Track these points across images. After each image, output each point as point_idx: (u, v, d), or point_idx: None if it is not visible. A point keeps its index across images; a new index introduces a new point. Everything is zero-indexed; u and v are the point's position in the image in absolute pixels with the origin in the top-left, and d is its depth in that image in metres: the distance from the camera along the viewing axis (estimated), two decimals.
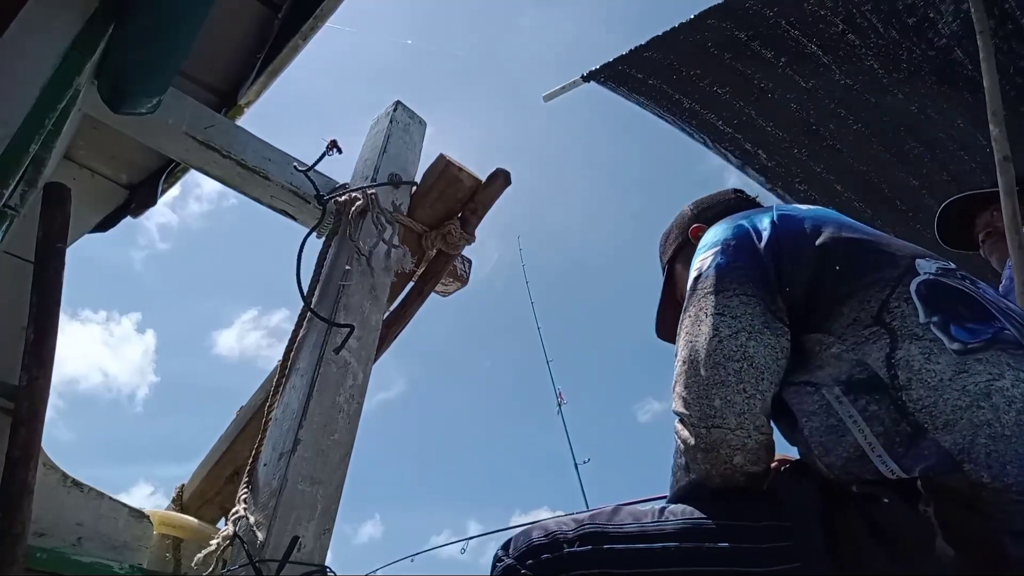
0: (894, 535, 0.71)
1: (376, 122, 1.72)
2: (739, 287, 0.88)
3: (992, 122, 1.88)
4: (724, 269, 0.91)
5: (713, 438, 0.82)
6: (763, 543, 0.77)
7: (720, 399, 0.82)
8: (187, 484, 1.73)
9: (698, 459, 0.85)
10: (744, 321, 0.85)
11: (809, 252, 0.90)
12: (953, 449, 0.70)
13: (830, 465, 0.79)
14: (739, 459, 0.82)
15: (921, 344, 0.77)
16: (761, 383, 0.83)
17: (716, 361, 0.84)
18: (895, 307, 0.82)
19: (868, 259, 0.88)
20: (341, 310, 1.29)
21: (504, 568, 0.88)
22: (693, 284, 0.94)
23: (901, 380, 0.76)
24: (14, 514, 1.10)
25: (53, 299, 1.32)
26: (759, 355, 0.84)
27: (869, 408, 0.77)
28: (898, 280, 0.85)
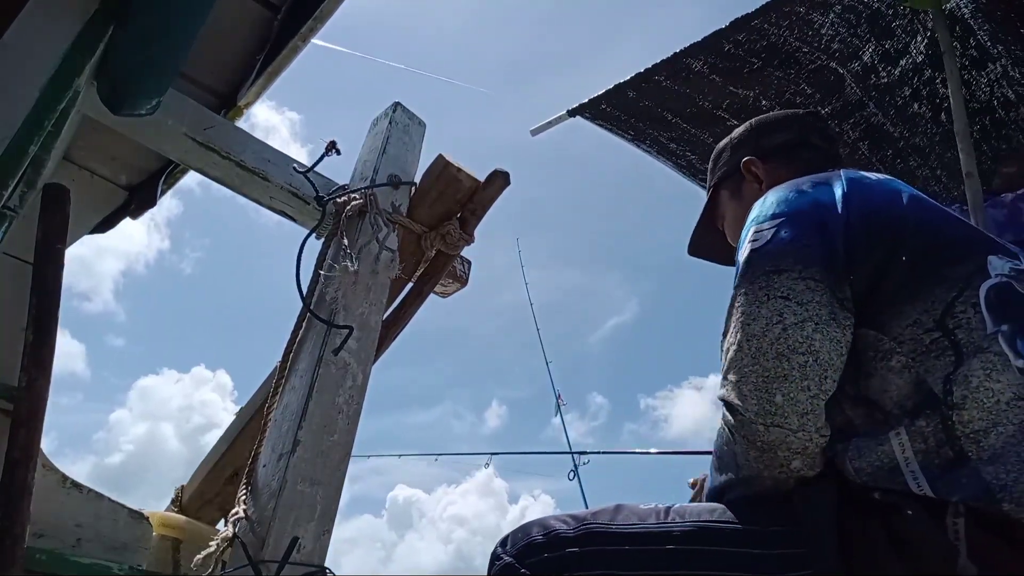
0: (915, 548, 0.68)
1: (375, 123, 1.72)
2: (804, 269, 0.79)
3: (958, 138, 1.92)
4: (787, 246, 0.82)
5: (772, 438, 0.74)
6: (775, 548, 0.74)
7: (782, 395, 0.74)
8: (186, 485, 1.72)
9: (751, 457, 0.77)
10: (811, 309, 0.77)
11: (881, 237, 0.80)
12: (994, 484, 0.66)
13: (859, 469, 0.75)
14: (797, 463, 0.75)
15: (984, 358, 0.71)
16: (825, 382, 0.75)
17: (779, 352, 0.75)
18: (960, 313, 0.75)
19: (938, 252, 0.80)
20: (340, 311, 1.29)
21: (503, 566, 0.85)
22: (750, 258, 0.84)
23: (955, 397, 0.70)
24: (13, 515, 1.10)
25: (52, 300, 1.32)
26: (824, 349, 0.76)
27: (916, 423, 0.72)
28: (967, 281, 0.77)
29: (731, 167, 1.16)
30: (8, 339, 1.32)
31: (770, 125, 1.17)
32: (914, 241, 0.80)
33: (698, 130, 2.72)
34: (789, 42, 2.35)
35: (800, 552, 0.73)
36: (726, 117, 2.63)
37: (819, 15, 2.28)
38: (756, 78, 2.48)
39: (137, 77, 1.35)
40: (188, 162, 1.60)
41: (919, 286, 0.77)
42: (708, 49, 2.42)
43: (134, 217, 2.06)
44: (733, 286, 0.86)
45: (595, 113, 2.76)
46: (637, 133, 2.81)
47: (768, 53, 2.40)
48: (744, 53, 2.40)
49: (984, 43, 2.11)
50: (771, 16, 2.30)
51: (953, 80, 1.99)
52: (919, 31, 2.22)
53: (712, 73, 2.49)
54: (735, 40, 2.37)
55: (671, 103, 2.63)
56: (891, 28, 2.25)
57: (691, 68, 2.48)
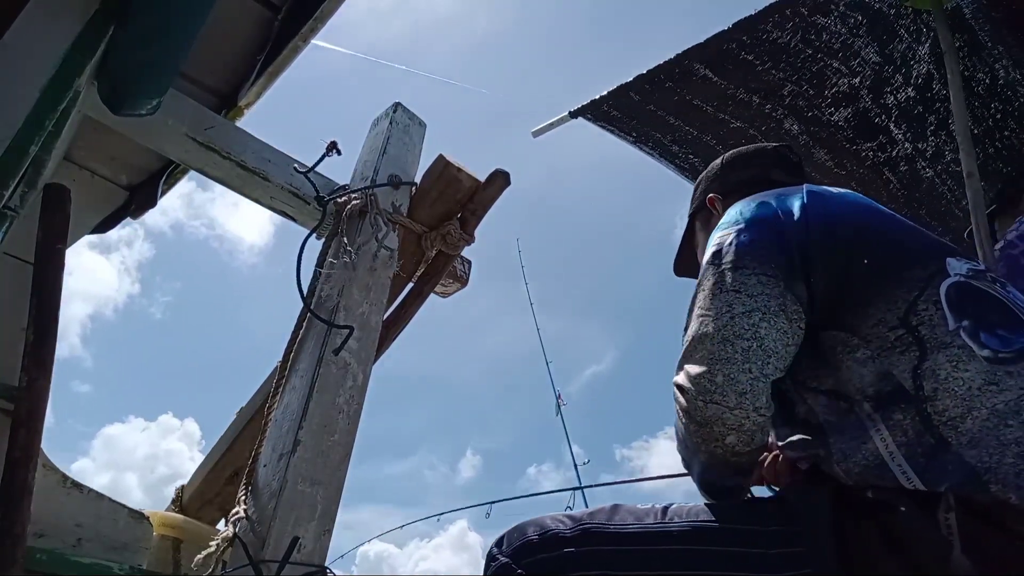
0: (909, 544, 0.70)
1: (376, 123, 1.72)
2: (759, 266, 0.84)
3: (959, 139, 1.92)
4: (745, 247, 0.87)
5: (709, 413, 0.80)
6: (772, 548, 0.75)
7: (723, 376, 0.79)
8: (187, 485, 1.73)
9: (691, 431, 0.83)
10: (760, 301, 0.82)
11: (838, 242, 0.85)
12: (979, 466, 0.68)
13: (847, 471, 0.78)
14: (732, 439, 0.80)
15: (949, 352, 0.75)
16: (767, 366, 0.80)
17: (724, 337, 0.81)
18: (923, 310, 0.79)
19: (898, 256, 0.85)
20: (340, 311, 1.29)
21: (499, 567, 0.85)
22: (711, 259, 0.90)
23: (927, 390, 0.74)
24: (14, 515, 1.10)
25: (53, 300, 1.32)
26: (770, 337, 0.80)
27: (893, 417, 0.75)
28: (927, 281, 0.81)
29: (700, 201, 1.22)
30: (8, 339, 1.32)
31: (736, 162, 1.23)
32: (874, 247, 0.85)
33: (700, 132, 2.72)
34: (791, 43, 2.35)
35: (798, 551, 0.74)
36: (728, 119, 2.62)
37: (821, 16, 2.28)
38: (758, 80, 2.48)
39: (137, 77, 1.35)
40: (188, 162, 1.60)
41: (881, 288, 0.82)
42: (710, 51, 2.41)
43: (134, 217, 2.06)
44: (696, 283, 0.91)
45: (597, 114, 2.76)
46: (639, 135, 2.81)
47: (770, 54, 2.39)
48: (746, 55, 2.40)
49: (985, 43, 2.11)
50: (773, 18, 2.30)
51: (954, 80, 1.99)
52: (921, 31, 2.22)
53: (714, 75, 2.48)
54: (738, 41, 2.37)
55: (673, 105, 2.63)
56: (893, 28, 2.25)
57: (693, 70, 2.47)
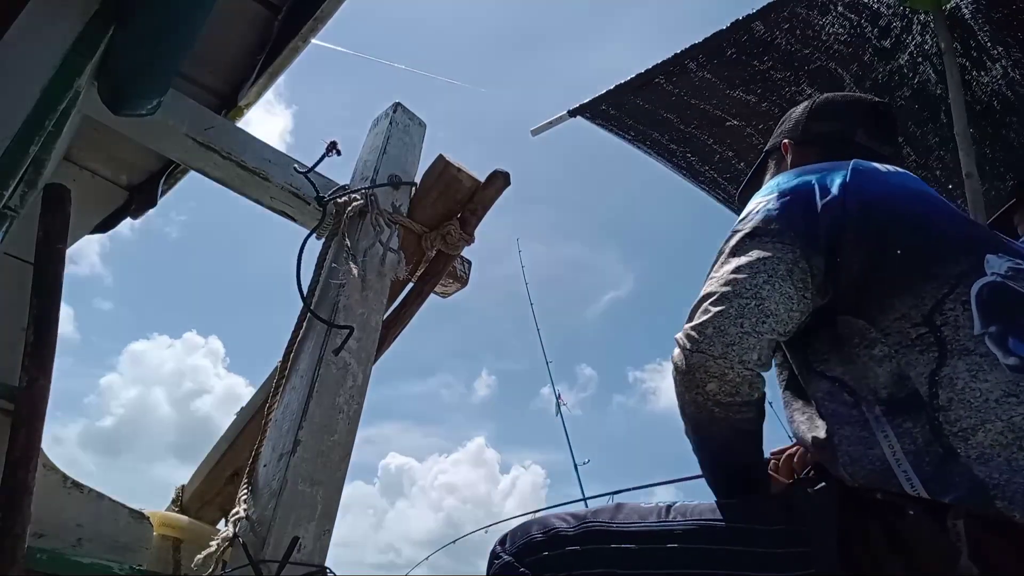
0: (916, 547, 0.69)
1: (376, 123, 1.72)
2: (777, 236, 0.84)
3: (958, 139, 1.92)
4: (770, 216, 0.86)
5: (693, 361, 0.80)
6: (777, 548, 0.75)
7: (713, 327, 0.80)
8: (187, 485, 1.73)
9: (676, 381, 0.84)
10: (769, 264, 0.81)
11: (873, 227, 0.82)
12: (987, 482, 0.66)
13: (853, 475, 0.76)
14: (712, 386, 0.80)
15: (970, 360, 0.72)
16: (762, 325, 0.79)
17: (724, 294, 0.81)
18: (949, 310, 0.76)
19: (933, 248, 0.81)
20: (340, 311, 1.29)
21: (502, 565, 0.85)
22: (736, 225, 0.90)
23: (941, 400, 0.71)
24: (14, 515, 1.10)
25: (53, 300, 1.32)
26: (771, 299, 0.80)
27: (903, 425, 0.73)
28: (959, 279, 0.78)
29: (776, 142, 1.19)
30: (8, 339, 1.32)
31: (823, 111, 1.16)
32: (909, 236, 0.82)
33: (697, 130, 2.73)
34: (789, 43, 2.36)
35: (803, 551, 0.74)
36: (726, 117, 2.63)
37: (819, 16, 2.28)
38: (756, 79, 2.48)
39: (137, 77, 1.35)
40: (188, 162, 1.60)
41: (910, 281, 0.79)
42: (708, 50, 2.42)
43: (135, 217, 2.06)
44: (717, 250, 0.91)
45: (595, 113, 2.77)
46: (637, 133, 2.82)
47: (768, 54, 2.40)
48: (744, 55, 2.40)
49: (984, 44, 2.12)
50: (771, 17, 2.30)
51: (953, 80, 1.99)
52: (919, 32, 2.22)
53: (711, 74, 2.49)
54: (735, 41, 2.37)
55: (671, 104, 2.63)
56: (891, 29, 2.25)
57: (691, 70, 2.48)
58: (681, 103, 2.60)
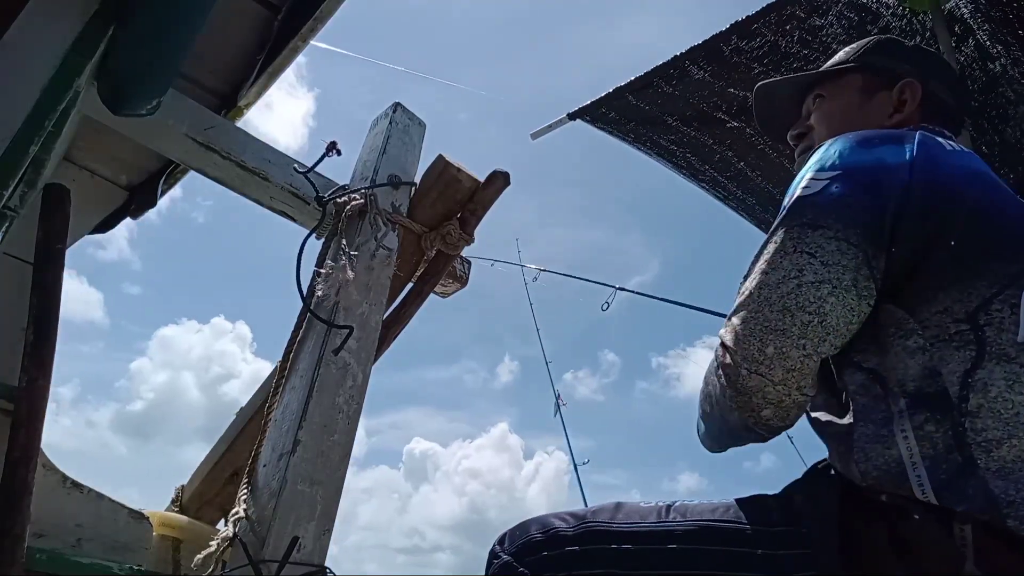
0: (920, 551, 0.68)
1: (375, 123, 1.72)
2: (843, 229, 0.76)
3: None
4: (834, 202, 0.78)
5: (751, 383, 0.75)
6: (778, 549, 0.74)
7: (774, 348, 0.74)
8: (187, 485, 1.73)
9: (727, 396, 0.78)
10: (834, 272, 0.74)
11: (933, 213, 0.76)
12: (1002, 498, 0.64)
13: (864, 472, 0.74)
14: (768, 412, 0.76)
15: (1009, 368, 0.68)
16: (823, 344, 0.74)
17: (786, 306, 0.74)
18: (996, 311, 0.71)
19: (990, 244, 0.76)
20: (340, 311, 1.29)
21: (501, 565, 0.84)
22: (793, 204, 0.81)
23: (971, 405, 0.68)
24: (13, 515, 1.10)
25: (53, 300, 1.32)
26: (834, 314, 0.74)
27: (925, 427, 0.70)
28: (1012, 279, 0.73)
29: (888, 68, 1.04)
30: (8, 339, 1.32)
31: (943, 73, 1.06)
32: (967, 226, 0.76)
33: (698, 132, 2.73)
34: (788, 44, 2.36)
35: (805, 553, 0.73)
36: (725, 119, 2.63)
37: (818, 17, 2.28)
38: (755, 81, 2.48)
39: (137, 77, 1.35)
40: (188, 162, 1.60)
41: (959, 275, 0.74)
42: (707, 52, 2.42)
43: (134, 217, 2.06)
44: (771, 228, 0.83)
45: (595, 116, 2.77)
46: (637, 136, 2.82)
47: (767, 56, 2.40)
48: (743, 56, 2.40)
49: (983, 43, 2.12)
50: (770, 18, 2.30)
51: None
52: (918, 32, 2.22)
53: (711, 76, 2.49)
54: (734, 43, 2.37)
55: (670, 106, 2.63)
56: (890, 29, 2.25)
57: (690, 72, 2.48)
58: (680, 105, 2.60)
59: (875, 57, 1.08)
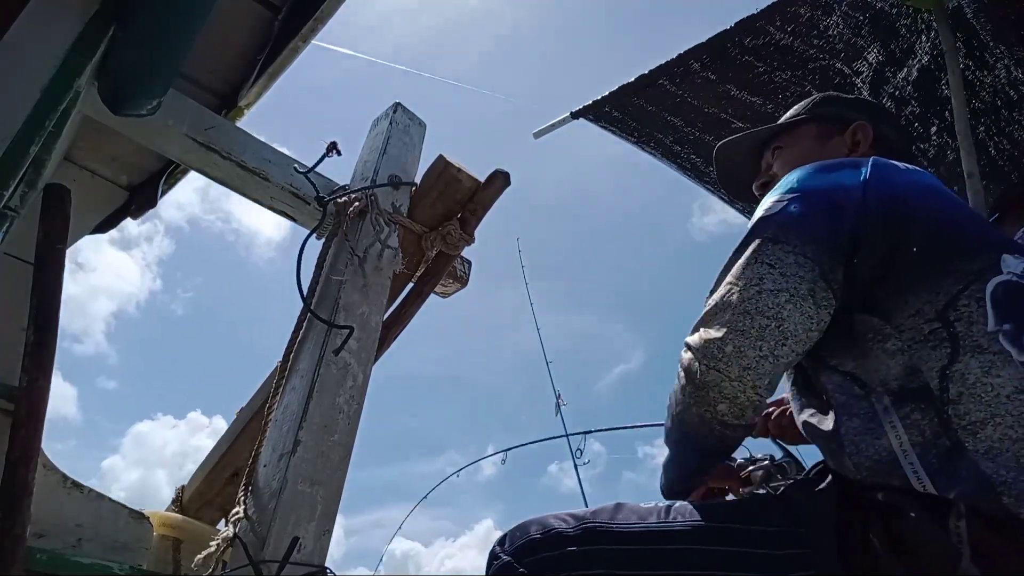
0: (917, 550, 0.69)
1: (376, 123, 1.72)
2: (800, 245, 0.81)
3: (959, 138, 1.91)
4: (793, 219, 0.84)
5: (708, 378, 0.79)
6: (777, 549, 0.75)
7: (733, 346, 0.78)
8: (187, 485, 1.73)
9: (686, 392, 0.83)
10: (791, 282, 0.79)
11: (891, 225, 0.81)
12: (994, 478, 0.67)
13: (858, 464, 0.76)
14: (723, 407, 0.80)
15: (983, 358, 0.72)
16: (780, 348, 0.78)
17: (746, 310, 0.79)
18: (963, 306, 0.75)
19: (949, 246, 0.81)
20: (340, 311, 1.29)
21: (501, 566, 0.85)
22: (756, 223, 0.87)
23: (951, 394, 0.72)
24: (14, 515, 1.10)
25: (53, 300, 1.32)
26: (792, 320, 0.78)
27: (912, 416, 0.73)
28: (976, 276, 0.77)
29: (839, 115, 1.13)
30: (8, 339, 1.32)
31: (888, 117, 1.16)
32: (926, 234, 0.81)
33: (701, 132, 2.72)
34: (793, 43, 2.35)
35: (803, 552, 0.74)
36: (730, 119, 2.62)
37: (822, 16, 2.28)
38: (760, 80, 2.47)
39: (138, 77, 1.35)
40: (189, 162, 1.60)
41: (925, 277, 0.78)
42: (711, 51, 2.41)
43: (135, 217, 2.06)
44: (736, 245, 0.88)
45: (598, 115, 2.76)
46: (640, 135, 2.81)
47: (772, 55, 2.39)
48: (748, 55, 2.39)
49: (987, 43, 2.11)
50: (774, 18, 2.30)
51: (955, 80, 1.98)
52: (922, 31, 2.21)
53: (715, 75, 2.48)
54: (739, 42, 2.37)
55: (674, 105, 2.63)
56: (895, 28, 2.24)
57: (694, 71, 2.47)
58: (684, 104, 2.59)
59: (825, 108, 1.17)
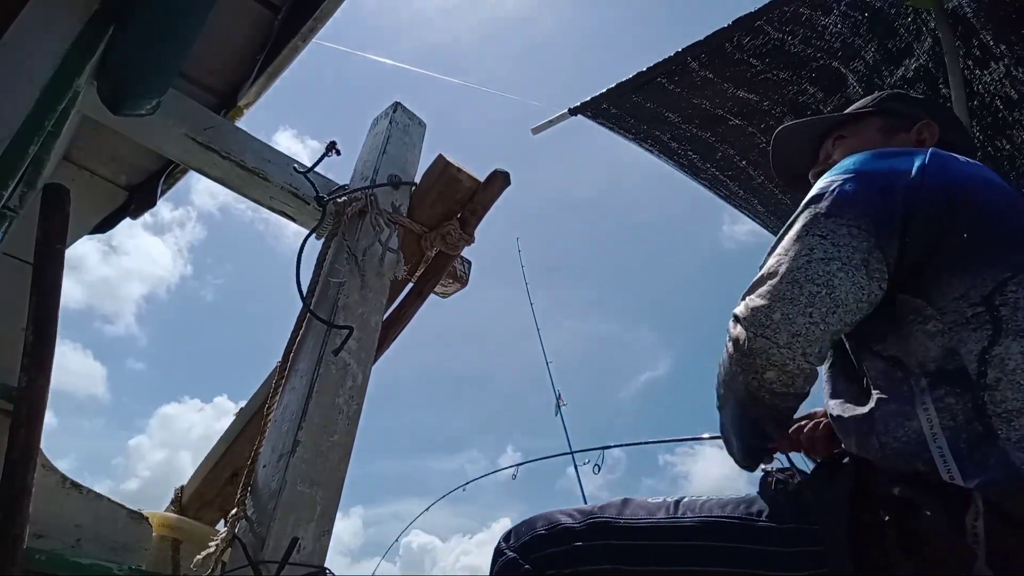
0: (931, 549, 0.68)
1: (375, 123, 1.72)
2: (854, 219, 0.80)
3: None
4: (847, 196, 0.83)
5: (756, 345, 0.77)
6: (789, 546, 0.74)
7: (781, 313, 0.76)
8: (186, 486, 1.72)
9: (734, 359, 0.80)
10: (844, 252, 0.78)
11: (944, 208, 0.80)
12: (1023, 468, 0.66)
13: (884, 445, 0.75)
14: (771, 375, 0.77)
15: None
16: (831, 315, 0.76)
17: (795, 279, 0.78)
18: (1011, 292, 0.74)
19: (1001, 236, 0.80)
20: (340, 311, 1.29)
21: (506, 562, 0.84)
22: (809, 201, 0.86)
23: (989, 379, 0.71)
24: (13, 515, 1.10)
25: (52, 300, 1.32)
26: (843, 288, 0.77)
27: (946, 400, 0.72)
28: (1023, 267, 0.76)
29: (907, 112, 1.13)
30: (8, 339, 1.32)
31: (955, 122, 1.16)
32: (978, 222, 0.80)
33: (699, 129, 2.72)
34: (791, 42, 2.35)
35: (815, 550, 0.73)
36: (727, 116, 2.63)
37: (821, 15, 2.28)
38: (758, 78, 2.48)
39: (137, 77, 1.34)
40: (188, 162, 1.60)
41: (974, 263, 0.77)
42: (710, 49, 2.41)
43: (134, 217, 2.06)
44: (788, 220, 0.87)
45: (596, 112, 2.76)
46: (638, 132, 2.82)
47: (770, 53, 2.39)
48: (746, 53, 2.40)
49: (986, 42, 2.11)
50: (773, 16, 2.30)
51: (955, 80, 1.98)
52: (922, 31, 2.21)
53: (713, 73, 2.48)
54: (737, 40, 2.37)
55: (672, 102, 2.63)
56: (894, 28, 2.24)
57: (692, 68, 2.48)
58: (682, 102, 2.60)
59: (893, 103, 1.15)
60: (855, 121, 1.17)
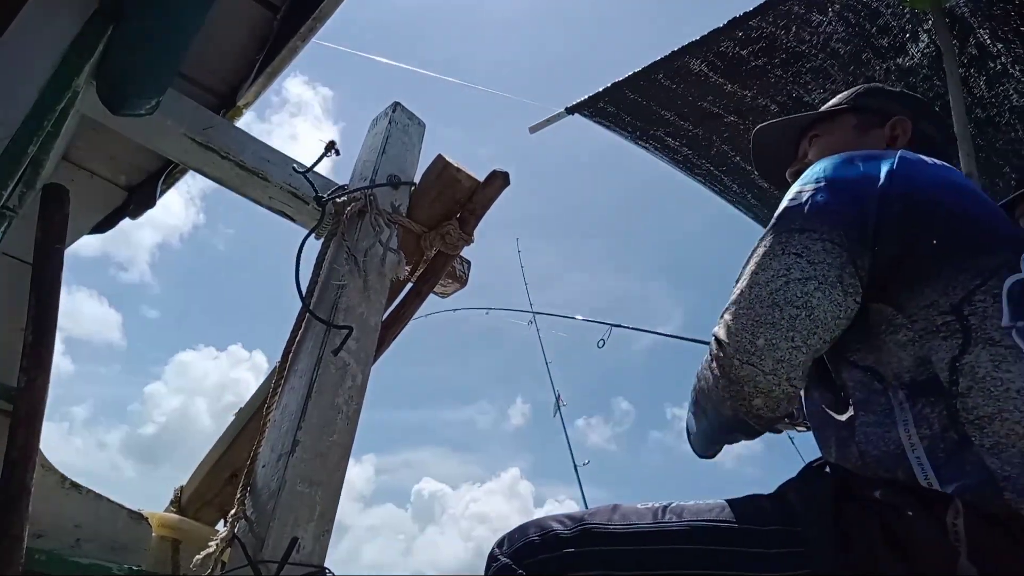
0: (913, 548, 0.69)
1: (375, 123, 1.72)
2: (828, 232, 0.80)
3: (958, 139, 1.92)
4: (820, 208, 0.83)
5: (743, 373, 0.78)
6: (773, 548, 0.75)
7: (765, 339, 0.77)
8: (185, 486, 1.72)
9: (720, 385, 0.81)
10: (820, 269, 0.79)
11: (913, 216, 0.81)
12: (998, 473, 0.67)
13: (863, 454, 0.77)
14: (759, 402, 0.78)
15: (994, 351, 0.72)
16: (812, 337, 0.78)
17: (775, 301, 0.78)
18: (979, 301, 0.75)
19: (970, 241, 0.80)
20: (339, 311, 1.29)
21: (499, 568, 0.85)
22: (782, 213, 0.86)
23: (961, 387, 0.72)
24: (12, 516, 1.10)
25: (51, 300, 1.32)
26: (821, 308, 0.78)
27: (923, 410, 0.74)
28: (993, 272, 0.77)
29: (880, 109, 1.13)
30: (7, 339, 1.32)
31: (931, 114, 1.15)
32: (947, 228, 0.81)
33: (694, 126, 2.74)
34: (787, 41, 2.36)
35: (798, 551, 0.74)
36: (723, 114, 2.63)
37: (817, 14, 2.28)
38: (754, 76, 2.49)
39: (136, 77, 1.35)
40: (187, 162, 1.60)
41: (943, 270, 0.78)
42: (706, 48, 2.42)
43: (133, 217, 2.06)
44: (761, 234, 0.88)
45: (593, 111, 2.78)
46: (635, 130, 2.83)
47: (766, 52, 2.40)
48: (742, 52, 2.40)
49: (984, 42, 2.12)
50: (769, 15, 2.31)
51: (952, 79, 1.99)
52: (918, 30, 2.22)
53: (710, 71, 2.49)
54: (733, 39, 2.38)
55: (668, 100, 2.64)
56: (890, 27, 2.25)
57: (689, 67, 2.49)
58: (678, 99, 2.61)
59: (867, 99, 1.16)
60: (830, 119, 1.18)
